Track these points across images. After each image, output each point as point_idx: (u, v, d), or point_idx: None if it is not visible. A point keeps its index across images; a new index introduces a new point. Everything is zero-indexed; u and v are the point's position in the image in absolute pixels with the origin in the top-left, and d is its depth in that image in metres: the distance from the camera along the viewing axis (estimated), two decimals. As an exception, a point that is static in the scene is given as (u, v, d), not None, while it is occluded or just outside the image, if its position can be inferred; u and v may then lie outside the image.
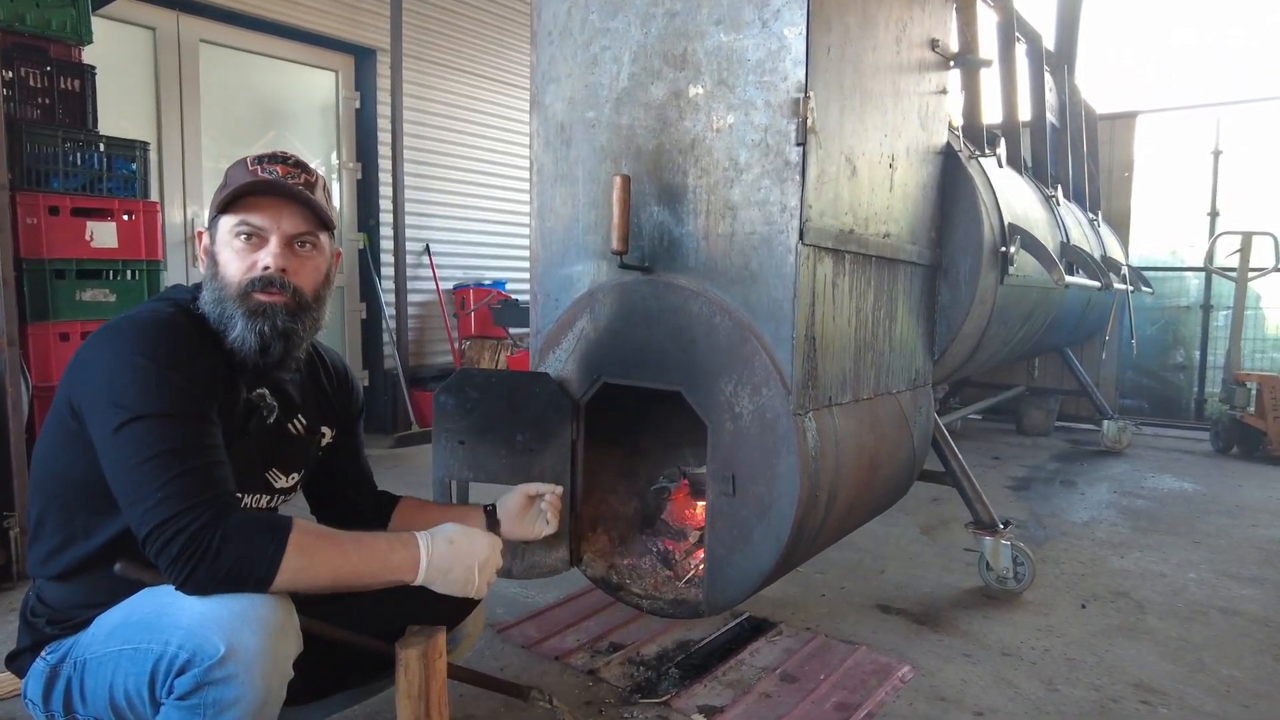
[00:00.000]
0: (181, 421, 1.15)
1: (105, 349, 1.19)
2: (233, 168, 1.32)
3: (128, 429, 1.13)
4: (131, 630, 1.16)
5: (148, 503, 1.10)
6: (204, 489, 1.13)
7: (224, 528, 1.11)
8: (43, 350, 2.70)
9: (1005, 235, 2.51)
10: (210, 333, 1.28)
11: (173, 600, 1.14)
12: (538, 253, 2.12)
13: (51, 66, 2.99)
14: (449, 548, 1.31)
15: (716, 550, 1.80)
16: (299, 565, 1.15)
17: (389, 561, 1.26)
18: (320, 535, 1.19)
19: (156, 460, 1.12)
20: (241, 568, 1.11)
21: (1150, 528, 3.46)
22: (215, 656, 1.07)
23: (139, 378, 1.15)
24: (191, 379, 1.19)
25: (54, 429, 1.26)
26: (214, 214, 1.31)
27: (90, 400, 1.17)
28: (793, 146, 1.65)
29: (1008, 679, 2.10)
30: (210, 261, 1.31)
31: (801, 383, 1.70)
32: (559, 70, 2.02)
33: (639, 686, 2.00)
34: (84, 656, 1.21)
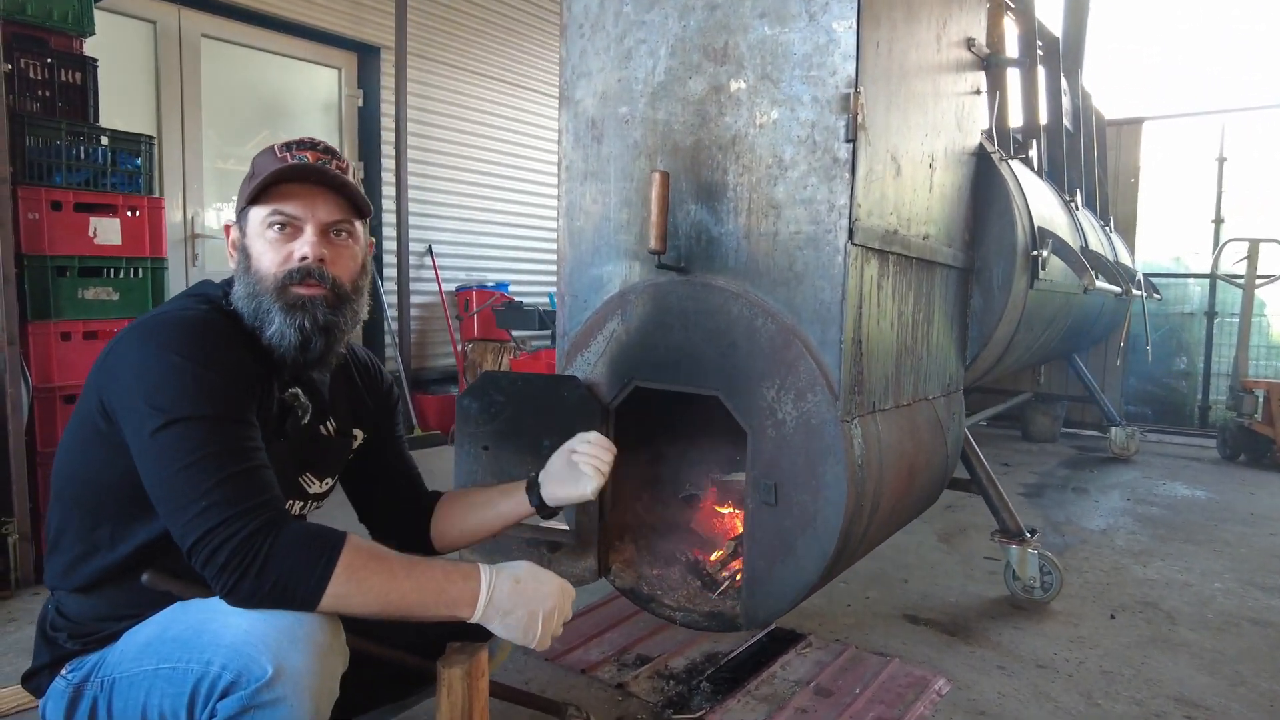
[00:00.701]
0: (222, 424, 1.09)
1: (138, 348, 1.12)
2: (260, 156, 1.25)
3: (166, 432, 1.06)
4: (167, 648, 1.08)
5: (192, 510, 1.03)
6: (250, 494, 1.06)
7: (273, 539, 1.04)
8: (43, 350, 2.61)
9: (1036, 239, 2.47)
10: (244, 330, 1.21)
11: (212, 616, 1.07)
12: (565, 252, 2.05)
13: (52, 58, 2.90)
14: (513, 588, 1.20)
15: (756, 562, 1.74)
16: (346, 590, 1.07)
17: (444, 594, 1.16)
18: (373, 557, 1.11)
19: (199, 465, 1.05)
20: (286, 586, 1.04)
21: (1169, 536, 3.42)
22: (263, 678, 1.00)
23: (175, 378, 1.08)
24: (229, 379, 1.12)
25: (80, 432, 1.18)
26: (243, 205, 1.24)
27: (124, 402, 1.10)
28: (842, 143, 1.60)
29: (1046, 692, 2.05)
30: (241, 255, 1.24)
31: (849, 388, 1.64)
32: (590, 64, 1.96)
33: (670, 701, 1.93)
34: (112, 675, 1.14)
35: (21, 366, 2.55)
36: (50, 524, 1.23)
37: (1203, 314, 5.91)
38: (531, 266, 6.24)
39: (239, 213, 1.26)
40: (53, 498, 1.23)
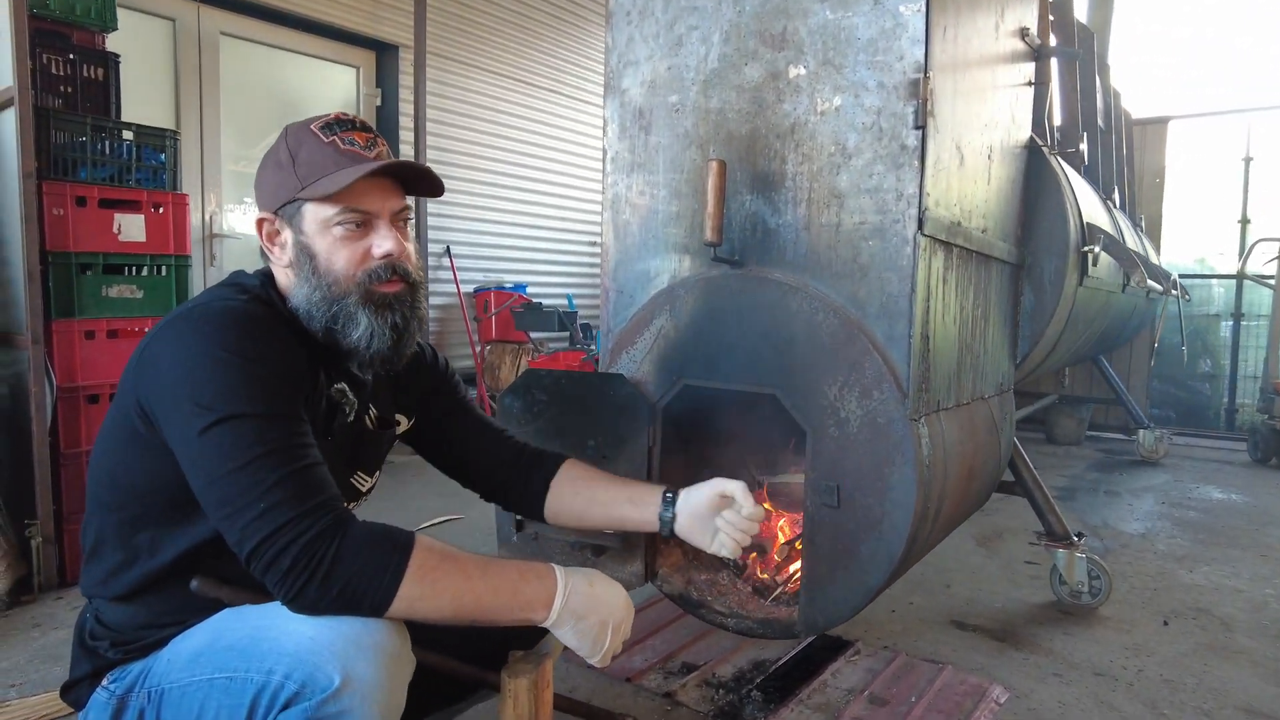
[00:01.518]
0: (275, 421, 1.01)
1: (179, 343, 1.04)
2: (308, 143, 1.13)
3: (215, 431, 0.98)
4: (222, 656, 1.02)
5: (250, 513, 0.96)
6: (312, 493, 0.99)
7: (340, 540, 0.97)
8: (67, 349, 2.55)
9: (1086, 235, 2.40)
10: (289, 323, 1.14)
11: (272, 623, 1.00)
12: (610, 246, 1.99)
13: (74, 54, 2.85)
14: (589, 589, 1.14)
15: (816, 567, 1.67)
16: (419, 593, 1.01)
17: (519, 595, 1.09)
18: (445, 557, 1.05)
19: (254, 465, 0.98)
20: (356, 589, 0.97)
21: (1210, 540, 3.35)
22: (330, 688, 0.93)
23: (222, 374, 1.01)
24: (279, 373, 1.05)
25: (116, 434, 1.11)
26: (298, 199, 1.13)
27: (166, 401, 1.02)
28: (910, 130, 1.54)
29: (1108, 701, 1.98)
30: (302, 255, 1.14)
31: (917, 385, 1.57)
32: (638, 52, 1.90)
33: (722, 711, 1.86)
34: (160, 685, 1.07)
35: (46, 366, 2.50)
36: (87, 531, 1.16)
37: (1228, 315, 5.83)
38: (550, 268, 6.19)
39: (284, 206, 1.15)
40: (89, 503, 1.16)
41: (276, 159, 1.16)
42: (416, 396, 1.42)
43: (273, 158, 1.16)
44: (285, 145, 1.15)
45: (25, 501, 2.50)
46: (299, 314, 1.15)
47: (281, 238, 1.17)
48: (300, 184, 1.13)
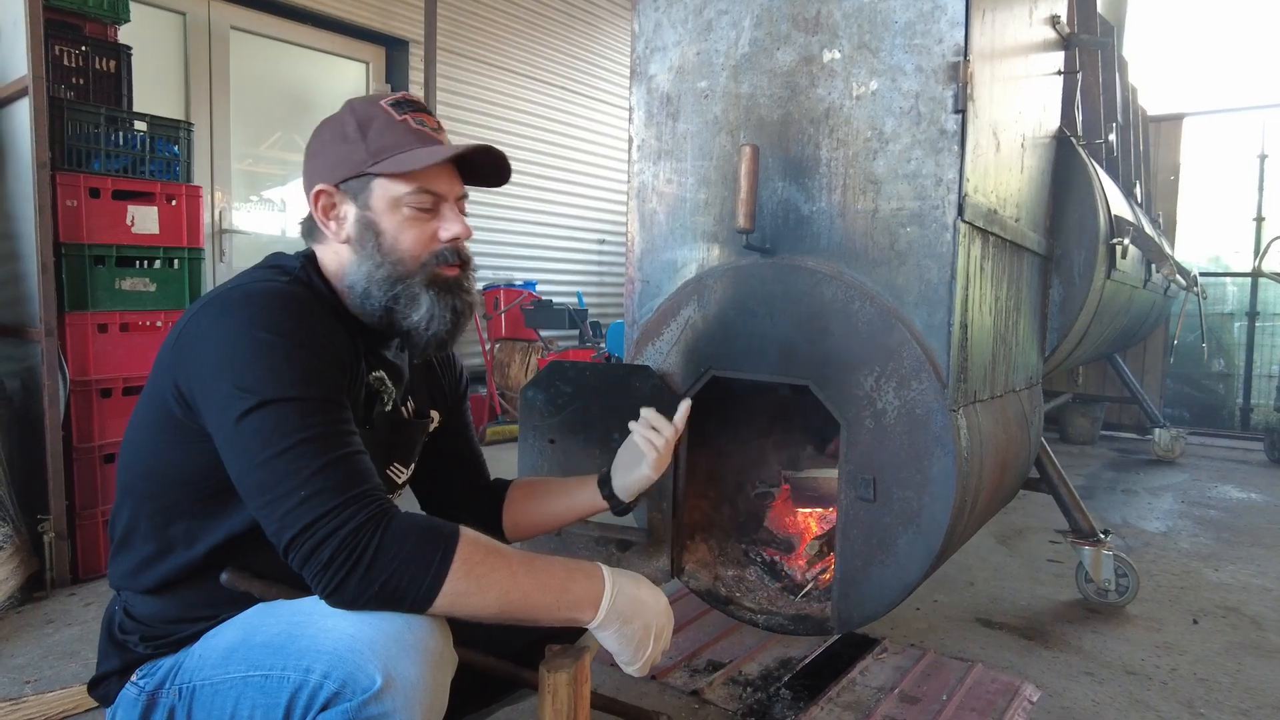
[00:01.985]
0: (318, 405, 0.97)
1: (220, 324, 1.00)
2: (379, 119, 1.09)
3: (255, 416, 0.94)
4: (257, 653, 0.97)
5: (290, 501, 0.92)
6: (354, 482, 0.95)
7: (383, 531, 0.93)
8: (80, 342, 2.52)
9: (1115, 228, 2.37)
10: (332, 307, 1.11)
11: (309, 619, 0.96)
12: (635, 235, 1.96)
13: (86, 45, 2.82)
14: (635, 592, 1.09)
15: (851, 561, 1.63)
16: (465, 588, 0.96)
17: (567, 593, 1.05)
18: (491, 551, 1.00)
19: (295, 451, 0.93)
20: (399, 583, 0.93)
21: (1234, 540, 3.31)
22: (372, 689, 0.88)
23: (265, 356, 0.96)
24: (322, 358, 1.00)
25: (151, 421, 1.07)
26: (367, 174, 1.09)
27: (205, 383, 0.98)
28: (950, 114, 1.50)
29: (1143, 700, 1.94)
30: (366, 231, 1.10)
31: (956, 375, 1.54)
32: (665, 38, 1.86)
33: (751, 710, 1.82)
34: (192, 682, 1.03)
35: (59, 359, 2.46)
36: (116, 521, 1.12)
37: (1243, 314, 5.78)
38: (560, 265, 6.15)
39: (348, 179, 1.10)
40: (120, 493, 1.12)
41: (340, 131, 1.11)
42: (446, 394, 1.39)
43: (335, 129, 1.12)
44: (352, 118, 1.11)
45: (38, 497, 2.46)
46: (354, 291, 1.12)
47: (339, 211, 1.12)
48: (371, 158, 1.09)
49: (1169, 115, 5.51)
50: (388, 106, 1.11)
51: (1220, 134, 5.79)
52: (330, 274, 1.15)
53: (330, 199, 1.12)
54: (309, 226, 1.16)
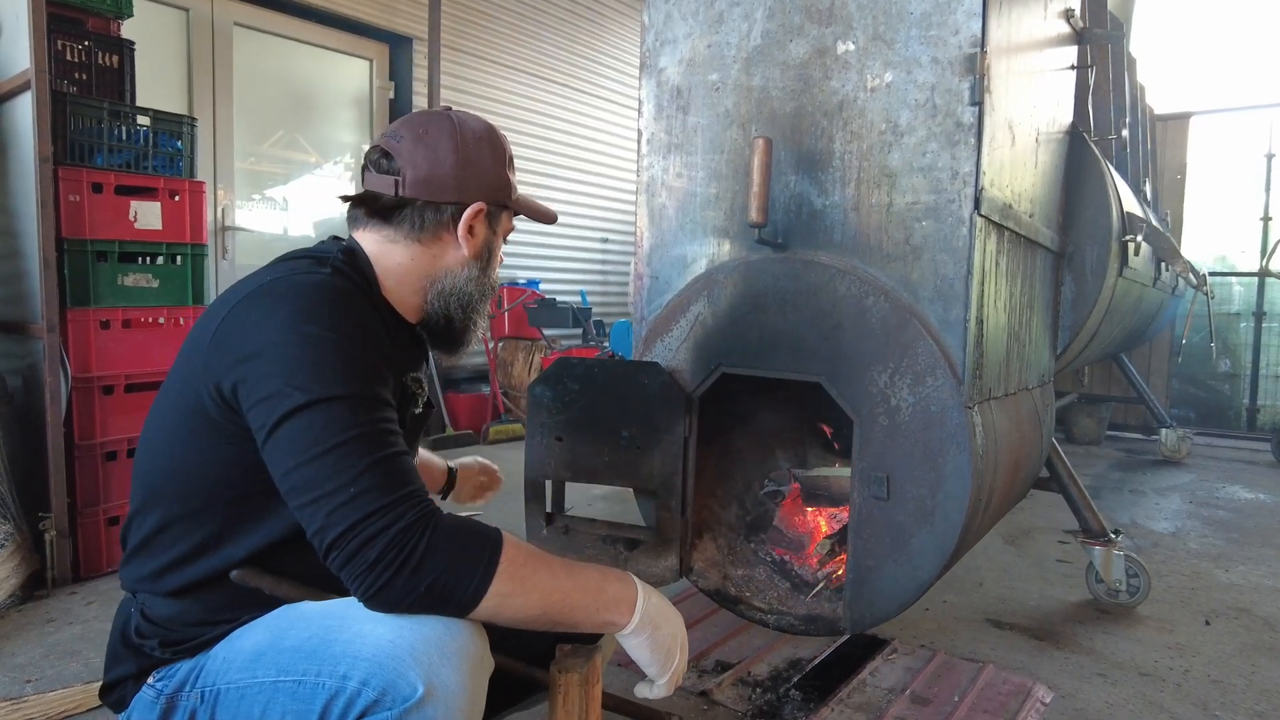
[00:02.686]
0: (368, 404, 0.94)
1: (268, 320, 0.96)
2: (508, 155, 1.22)
3: (306, 413, 0.91)
4: (288, 658, 0.94)
5: (338, 499, 0.88)
6: (401, 483, 0.92)
7: (431, 532, 0.90)
8: (82, 338, 2.50)
9: (1127, 225, 2.34)
10: (370, 301, 1.08)
11: (343, 623, 0.93)
12: (644, 230, 1.93)
13: (89, 40, 2.80)
14: (660, 600, 1.09)
15: (864, 560, 1.61)
16: (510, 590, 0.94)
17: (604, 593, 1.04)
18: (532, 554, 0.98)
19: (345, 449, 0.90)
20: (445, 585, 0.90)
21: (1243, 540, 3.28)
22: (413, 697, 0.86)
23: (317, 353, 0.93)
24: (373, 355, 0.98)
25: (180, 419, 1.03)
26: (505, 204, 1.21)
27: (253, 380, 0.94)
28: (966, 107, 1.48)
29: (1157, 702, 1.91)
30: (487, 251, 1.20)
31: (971, 372, 1.51)
32: (676, 30, 1.84)
33: (760, 711, 1.80)
34: (215, 686, 0.99)
35: (61, 356, 2.44)
36: (139, 523, 1.07)
37: (1249, 314, 5.76)
38: (563, 264, 6.13)
39: (494, 207, 1.19)
40: (143, 495, 1.07)
41: (497, 154, 1.18)
42: None
43: (489, 146, 1.17)
44: (501, 143, 1.20)
45: (39, 495, 2.44)
46: (452, 299, 1.17)
47: (475, 230, 1.17)
48: (510, 193, 1.20)
49: (1176, 114, 5.48)
50: (511, 157, 1.23)
51: (1227, 133, 5.76)
52: (397, 269, 1.14)
53: (479, 215, 1.17)
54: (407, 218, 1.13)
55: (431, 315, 1.17)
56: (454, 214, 1.14)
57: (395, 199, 1.13)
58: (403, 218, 1.13)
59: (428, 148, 1.12)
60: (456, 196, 1.13)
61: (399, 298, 1.14)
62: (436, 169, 1.12)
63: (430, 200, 1.13)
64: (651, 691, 1.13)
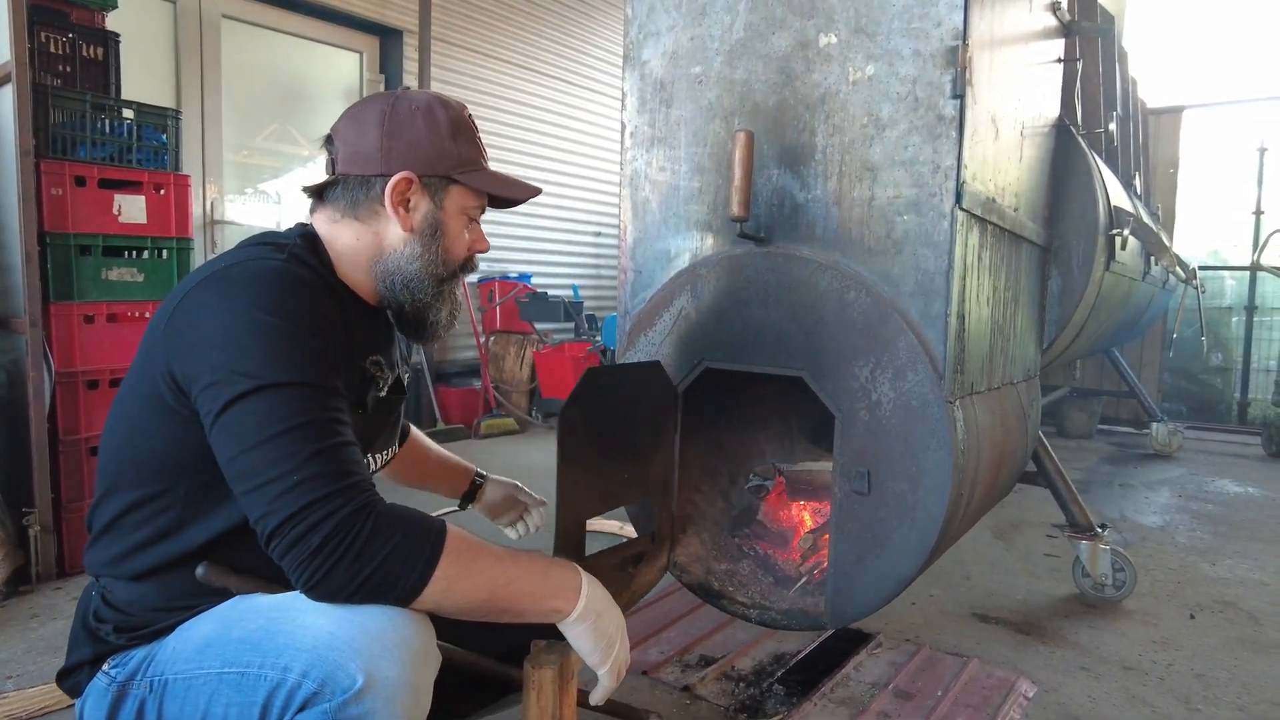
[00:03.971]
0: (315, 391, 0.94)
1: (218, 305, 0.96)
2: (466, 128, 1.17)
3: (252, 399, 0.91)
4: (234, 648, 0.94)
5: (281, 486, 0.88)
6: (346, 471, 0.91)
7: (372, 521, 0.90)
8: (66, 333, 2.48)
9: (1115, 219, 2.34)
10: (329, 287, 1.08)
11: (288, 614, 0.93)
12: (628, 224, 1.92)
13: (73, 32, 2.78)
14: (604, 590, 1.11)
15: (845, 556, 1.61)
16: (454, 577, 0.94)
17: (549, 582, 1.04)
18: (476, 543, 0.98)
19: (288, 436, 0.90)
20: (388, 572, 0.90)
21: (1231, 534, 3.29)
22: (352, 689, 0.86)
23: (264, 339, 0.93)
24: (322, 341, 0.98)
25: (141, 405, 1.03)
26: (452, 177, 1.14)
27: (201, 366, 0.94)
28: (948, 100, 1.47)
29: (1139, 696, 1.92)
30: (430, 227, 1.14)
31: (952, 367, 1.51)
32: (659, 23, 1.83)
33: (743, 706, 1.80)
34: (164, 675, 0.99)
35: (44, 350, 2.43)
36: (99, 509, 1.08)
37: (1240, 308, 5.76)
38: (555, 258, 6.11)
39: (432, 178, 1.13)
40: (105, 480, 1.08)
41: (432, 121, 1.13)
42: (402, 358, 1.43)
43: (424, 117, 1.13)
44: (445, 115, 1.14)
45: (23, 490, 2.43)
46: (397, 278, 1.14)
47: (413, 203, 1.13)
48: (460, 165, 1.15)
49: (1168, 108, 5.47)
50: (468, 116, 1.18)
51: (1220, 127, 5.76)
52: (347, 250, 1.14)
53: (409, 186, 1.12)
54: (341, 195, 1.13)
55: (384, 297, 1.16)
56: (383, 187, 1.11)
57: (331, 178, 1.15)
58: (336, 195, 1.14)
59: (357, 123, 1.13)
60: (381, 168, 1.11)
61: (354, 280, 1.14)
62: (361, 142, 1.12)
63: (358, 174, 1.12)
64: (597, 689, 1.13)
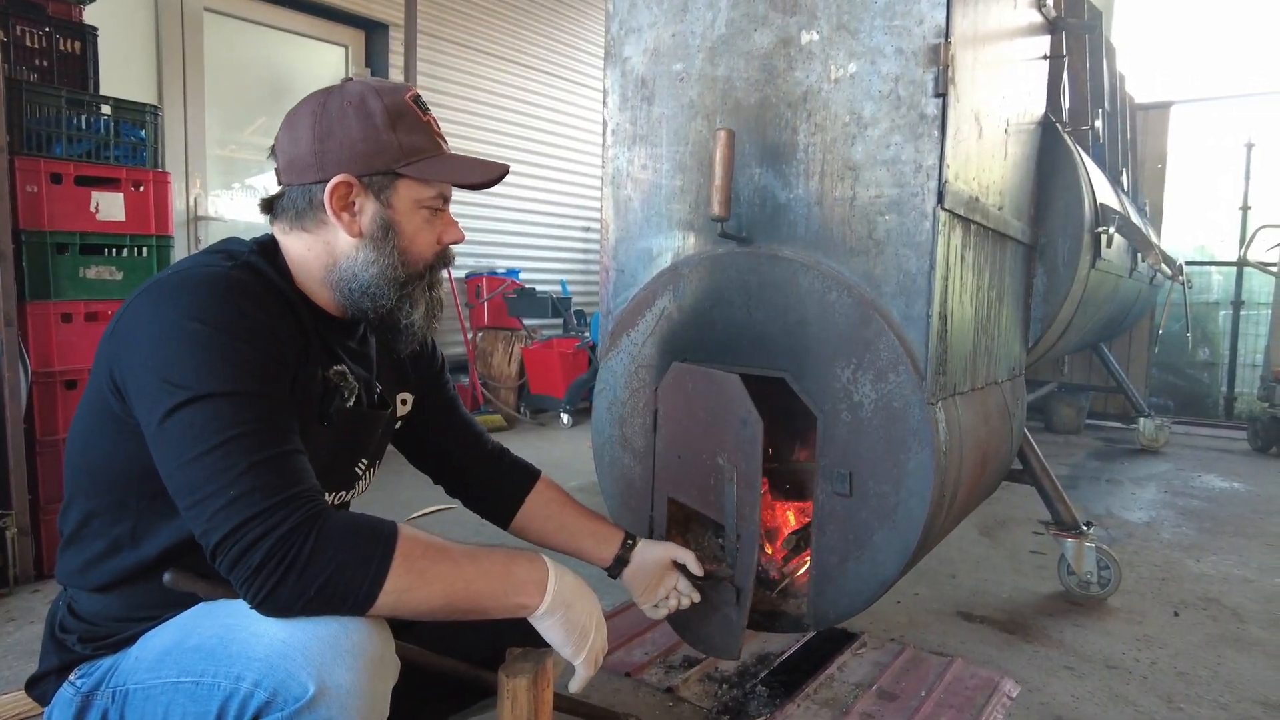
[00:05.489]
0: (252, 401, 0.92)
1: (153, 313, 0.94)
2: (408, 115, 1.08)
3: (185, 411, 0.89)
4: (189, 657, 0.93)
5: (218, 502, 0.87)
6: (286, 483, 0.90)
7: (318, 532, 0.88)
8: (43, 332, 2.45)
9: (1100, 216, 2.33)
10: (280, 295, 1.05)
11: (242, 622, 0.92)
12: (610, 224, 1.91)
13: (50, 26, 2.74)
14: (574, 579, 1.09)
15: (827, 557, 1.60)
16: (408, 584, 0.92)
17: (511, 576, 1.02)
18: (431, 544, 0.97)
19: (226, 448, 0.88)
20: (338, 583, 0.89)
21: (1216, 530, 3.30)
22: (304, 697, 0.85)
23: (197, 348, 0.91)
24: (261, 349, 0.95)
25: (91, 413, 1.02)
26: (397, 172, 1.07)
27: (137, 377, 0.93)
28: (930, 98, 1.45)
29: (1123, 695, 1.92)
30: (381, 228, 1.07)
31: (934, 368, 1.50)
32: (640, 19, 1.81)
33: (726, 707, 1.79)
34: (125, 685, 0.98)
35: (20, 349, 2.39)
36: (66, 515, 1.07)
37: (1227, 303, 5.78)
38: (543, 253, 6.09)
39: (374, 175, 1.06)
40: (68, 488, 1.07)
41: (365, 114, 1.05)
42: (417, 378, 1.35)
43: (357, 111, 1.05)
44: (381, 105, 1.05)
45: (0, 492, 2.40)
46: (353, 286, 1.08)
47: (358, 206, 1.07)
48: (404, 157, 1.06)
49: (1157, 103, 5.48)
50: (414, 103, 1.09)
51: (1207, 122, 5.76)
52: (302, 261, 1.10)
53: (349, 190, 1.06)
54: (287, 207, 1.09)
55: (346, 307, 1.11)
56: (323, 195, 1.06)
57: (279, 191, 1.11)
58: (282, 207, 1.10)
59: (291, 129, 1.08)
60: (317, 175, 1.05)
61: (310, 290, 1.11)
62: (296, 149, 1.07)
63: (299, 184, 1.07)
64: (574, 679, 1.12)
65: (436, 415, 1.38)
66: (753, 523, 1.51)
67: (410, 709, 1.21)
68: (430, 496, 3.28)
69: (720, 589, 1.56)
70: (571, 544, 1.42)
